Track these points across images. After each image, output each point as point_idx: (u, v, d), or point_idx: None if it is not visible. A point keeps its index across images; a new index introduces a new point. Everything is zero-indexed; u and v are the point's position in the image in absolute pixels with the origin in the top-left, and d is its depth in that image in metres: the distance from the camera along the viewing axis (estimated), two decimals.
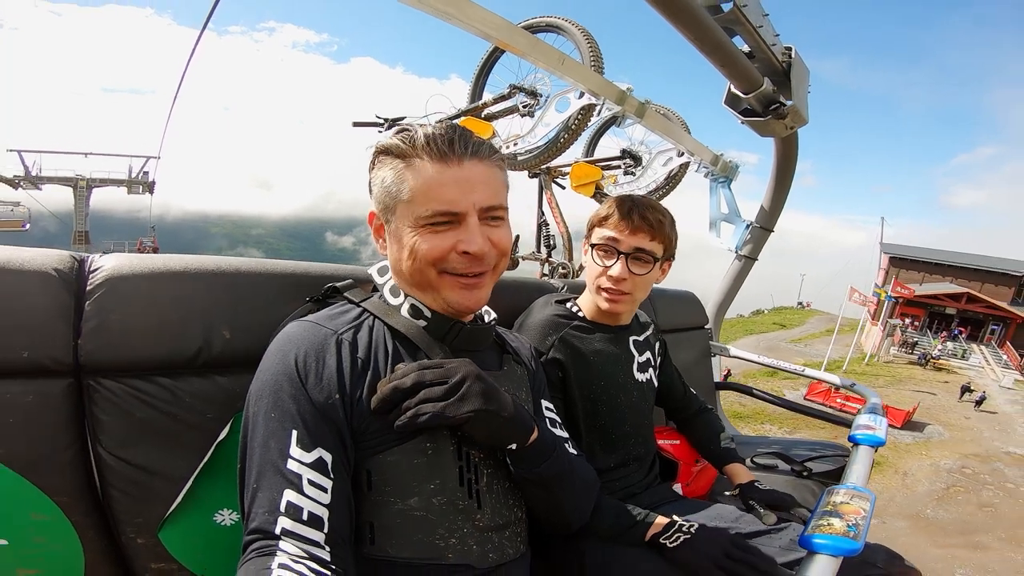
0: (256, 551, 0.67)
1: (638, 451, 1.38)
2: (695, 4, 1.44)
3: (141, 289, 0.91)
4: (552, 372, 1.26)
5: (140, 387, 0.89)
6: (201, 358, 0.95)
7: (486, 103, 2.66)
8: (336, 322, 0.84)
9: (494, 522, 0.85)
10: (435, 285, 0.86)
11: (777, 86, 1.95)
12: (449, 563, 0.79)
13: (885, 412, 1.64)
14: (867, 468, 1.17)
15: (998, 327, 30.14)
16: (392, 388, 0.77)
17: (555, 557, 1.08)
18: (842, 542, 0.81)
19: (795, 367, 2.60)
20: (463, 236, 0.82)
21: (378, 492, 0.78)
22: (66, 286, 0.86)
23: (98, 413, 0.86)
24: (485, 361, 0.96)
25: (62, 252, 0.91)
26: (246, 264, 1.06)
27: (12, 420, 0.79)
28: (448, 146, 0.81)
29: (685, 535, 1.02)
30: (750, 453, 1.98)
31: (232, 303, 1.00)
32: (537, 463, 0.88)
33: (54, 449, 0.84)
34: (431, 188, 0.81)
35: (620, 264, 1.26)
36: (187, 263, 0.99)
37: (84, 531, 0.86)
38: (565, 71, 1.73)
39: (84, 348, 0.85)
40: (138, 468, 0.88)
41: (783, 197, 2.76)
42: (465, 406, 0.78)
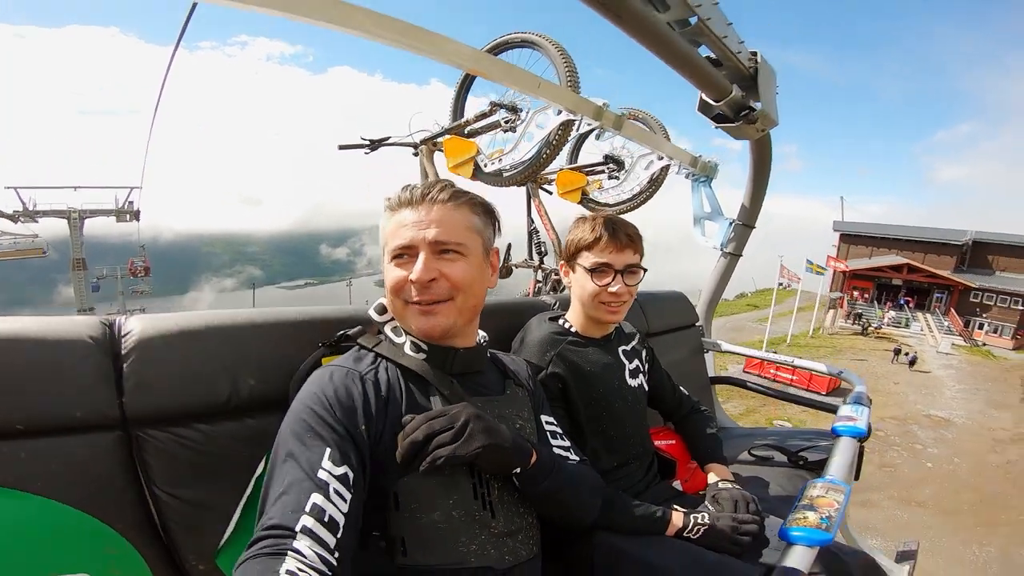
0: (267, 548, 0.70)
1: (637, 451, 1.48)
2: (660, 22, 1.51)
3: (170, 348, 1.03)
4: (553, 385, 1.37)
5: (181, 433, 1.01)
6: (231, 404, 1.07)
7: (468, 121, 2.73)
8: (359, 365, 0.97)
9: (507, 528, 0.96)
10: (403, 314, 1.02)
11: (746, 91, 2.02)
12: (472, 566, 0.90)
13: (870, 401, 1.71)
14: (847, 460, 1.24)
15: (942, 295, 31.09)
16: (409, 444, 0.87)
17: (567, 554, 1.17)
18: (815, 534, 0.89)
19: (785, 358, 2.68)
20: (413, 266, 0.97)
21: (405, 510, 0.88)
22: (102, 350, 0.98)
23: (148, 458, 0.98)
24: (489, 386, 1.09)
25: (90, 318, 1.03)
26: (259, 315, 1.18)
27: (77, 471, 0.92)
28: (411, 194, 0.99)
29: (702, 525, 1.18)
30: (748, 446, 2.06)
31: (252, 353, 1.12)
32: (540, 481, 0.99)
33: (116, 491, 0.95)
34: (396, 229, 1.00)
35: (619, 281, 1.40)
36: (206, 319, 1.10)
37: (153, 562, 0.98)
38: (541, 94, 1.80)
39: (128, 404, 0.97)
40: (190, 503, 1.00)
41: (762, 194, 2.85)
42: (473, 444, 0.89)
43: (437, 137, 3.06)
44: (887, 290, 32.75)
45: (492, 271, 1.10)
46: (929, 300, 31.59)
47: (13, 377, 0.88)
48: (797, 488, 1.76)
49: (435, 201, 1.00)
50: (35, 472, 0.88)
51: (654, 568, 1.08)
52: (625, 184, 3.28)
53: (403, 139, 3.18)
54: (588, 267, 1.42)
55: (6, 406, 0.87)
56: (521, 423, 1.08)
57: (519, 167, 2.46)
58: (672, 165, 3.00)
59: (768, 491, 1.72)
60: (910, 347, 24.26)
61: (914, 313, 31.07)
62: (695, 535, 1.17)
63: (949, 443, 11.43)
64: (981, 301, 29.42)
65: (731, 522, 1.19)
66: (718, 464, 1.53)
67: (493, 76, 1.65)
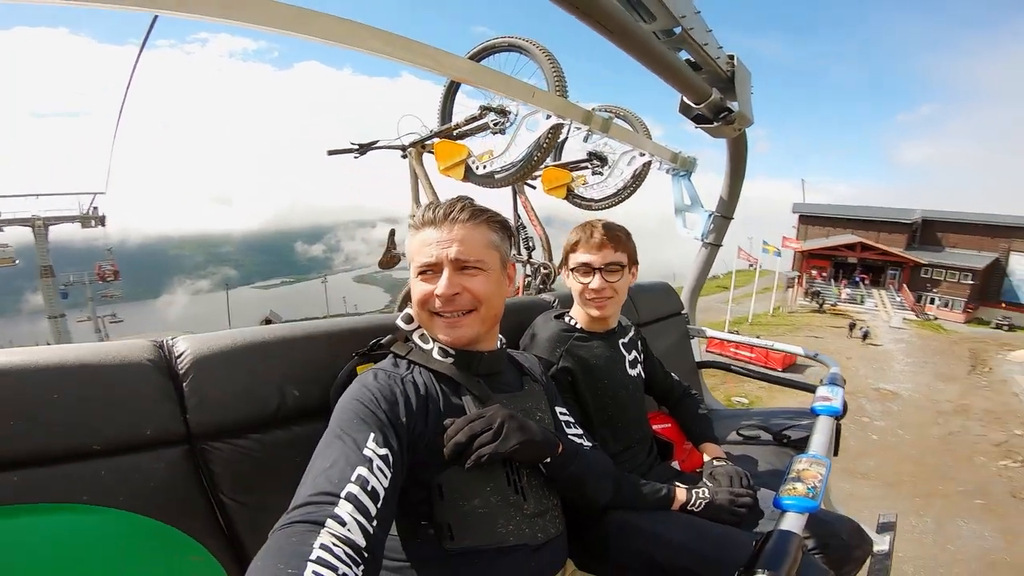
0: (305, 515, 0.73)
1: (639, 435, 1.61)
2: (646, 32, 1.61)
3: (222, 365, 1.12)
4: (563, 378, 1.49)
5: (239, 444, 1.10)
6: (280, 414, 1.16)
7: (458, 124, 2.79)
8: (398, 369, 1.07)
9: (537, 509, 1.07)
10: (430, 325, 1.12)
11: (723, 93, 2.14)
12: (511, 544, 1.01)
13: (844, 382, 1.85)
14: (827, 436, 1.37)
15: (895, 272, 32.39)
16: (454, 445, 0.97)
17: (583, 533, 1.28)
18: (804, 502, 1.02)
19: (764, 342, 2.84)
20: (437, 282, 1.07)
21: (449, 499, 0.98)
22: (160, 371, 1.06)
23: (213, 468, 1.06)
24: (508, 383, 1.20)
25: (141, 341, 1.10)
26: (296, 329, 1.28)
27: (153, 484, 0.99)
28: (433, 213, 1.10)
29: (703, 499, 1.31)
30: (735, 426, 2.21)
31: (293, 365, 1.21)
32: (565, 468, 1.11)
33: (189, 502, 1.04)
34: (420, 247, 1.10)
35: (597, 278, 1.51)
36: (247, 337, 1.19)
37: (229, 566, 1.06)
38: (536, 102, 1.89)
39: (192, 420, 1.06)
40: (253, 508, 1.09)
41: (738, 188, 3.00)
42: (511, 441, 1.00)
43: (426, 140, 3.12)
44: (843, 268, 33.99)
45: (509, 282, 1.20)
46: (883, 277, 32.90)
47: (85, 402, 0.96)
48: (783, 464, 1.92)
49: (456, 220, 1.09)
50: (117, 488, 0.95)
51: (663, 539, 1.20)
52: (609, 180, 3.38)
53: (392, 142, 3.23)
54: (571, 267, 1.57)
55: (83, 429, 0.95)
56: (540, 415, 1.19)
57: (510, 169, 2.54)
58: (654, 161, 3.13)
59: (757, 467, 1.87)
60: (864, 322, 25.33)
61: (869, 290, 32.37)
62: (697, 509, 1.31)
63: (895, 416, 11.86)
64: (931, 277, 30.74)
65: (729, 495, 1.33)
66: (711, 444, 1.66)
67: (491, 86, 1.74)
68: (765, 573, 0.82)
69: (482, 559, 0.98)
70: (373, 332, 1.28)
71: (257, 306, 59.54)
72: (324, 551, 0.68)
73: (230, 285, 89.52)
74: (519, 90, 1.81)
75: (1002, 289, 29.93)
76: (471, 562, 0.98)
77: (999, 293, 30.11)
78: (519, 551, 1.02)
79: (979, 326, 29.10)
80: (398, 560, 0.99)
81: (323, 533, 0.70)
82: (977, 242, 30.70)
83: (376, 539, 0.77)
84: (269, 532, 0.74)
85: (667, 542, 1.19)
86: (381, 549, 0.80)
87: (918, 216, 32.63)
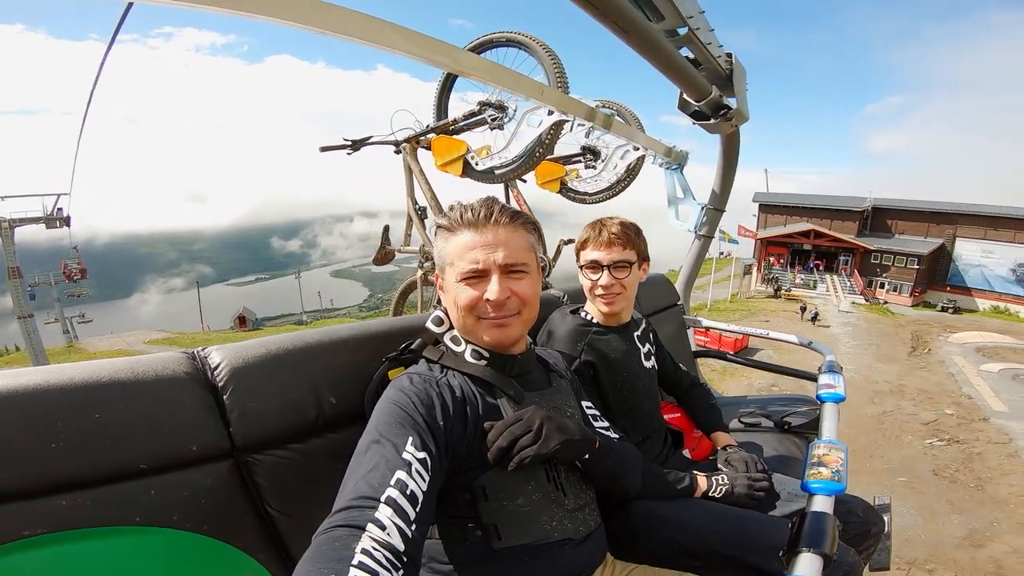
0: (347, 520, 0.73)
1: (655, 426, 1.66)
2: (656, 32, 1.63)
3: (260, 376, 1.10)
4: (585, 372, 1.52)
5: (281, 455, 1.09)
6: (319, 423, 1.16)
7: (456, 120, 2.79)
8: (433, 373, 1.07)
9: (577, 504, 1.09)
10: (474, 328, 1.11)
11: (722, 90, 2.18)
12: (557, 540, 1.03)
13: (841, 369, 1.92)
14: (835, 422, 1.44)
15: (848, 258, 33.49)
16: (497, 450, 0.99)
17: (609, 524, 1.29)
18: (831, 485, 1.07)
19: (760, 331, 2.91)
20: (486, 288, 1.06)
21: (493, 500, 0.99)
22: (200, 384, 1.04)
23: (259, 481, 1.05)
24: (536, 381, 1.21)
25: (173, 354, 1.07)
26: (326, 335, 1.26)
27: (204, 501, 0.97)
28: (477, 217, 1.08)
29: (723, 485, 1.36)
30: (736, 414, 2.28)
31: (327, 372, 1.20)
32: (602, 463, 1.14)
33: (239, 516, 1.03)
34: (464, 252, 1.07)
35: (606, 275, 1.55)
36: (279, 344, 1.17)
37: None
38: (545, 99, 1.91)
39: (236, 434, 1.04)
40: (301, 518, 1.08)
41: (730, 181, 3.07)
42: (552, 442, 1.01)
43: (421, 136, 3.11)
44: (799, 255, 35.07)
45: None
46: (836, 263, 33.95)
47: (127, 419, 0.93)
48: (788, 450, 1.99)
49: (499, 223, 1.08)
50: (169, 507, 0.93)
51: (689, 526, 1.25)
52: (603, 174, 3.42)
53: (385, 138, 3.20)
54: (581, 264, 1.61)
55: (129, 448, 0.92)
56: (571, 411, 1.21)
57: (511, 165, 2.56)
58: (647, 155, 3.17)
59: (763, 453, 1.93)
60: (814, 305, 26.40)
61: (822, 275, 33.41)
62: (718, 495, 1.36)
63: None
64: (881, 262, 31.75)
65: (747, 480, 1.38)
66: (722, 432, 1.71)
67: (501, 83, 1.75)
68: (810, 551, 0.86)
69: (530, 555, 1.00)
70: (402, 334, 1.27)
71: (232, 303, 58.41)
72: (365, 556, 0.68)
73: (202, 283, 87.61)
74: (528, 87, 1.82)
75: (948, 273, 31.18)
76: (520, 560, 1.00)
77: (946, 277, 31.26)
78: (564, 545, 1.04)
79: (926, 309, 30.25)
80: (448, 564, 1.00)
81: (364, 537, 0.71)
82: (924, 228, 31.81)
83: (415, 543, 0.77)
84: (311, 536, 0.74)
85: (693, 528, 1.24)
86: (419, 553, 0.80)
87: (869, 204, 33.65)
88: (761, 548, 1.13)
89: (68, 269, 30.06)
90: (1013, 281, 29.44)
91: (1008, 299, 29.61)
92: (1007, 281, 29.66)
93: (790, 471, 1.65)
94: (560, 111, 2.13)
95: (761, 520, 1.24)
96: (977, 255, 30.42)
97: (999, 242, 29.53)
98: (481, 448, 1.01)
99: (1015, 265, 29.21)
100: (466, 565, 1.00)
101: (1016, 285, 29.36)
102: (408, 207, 3.31)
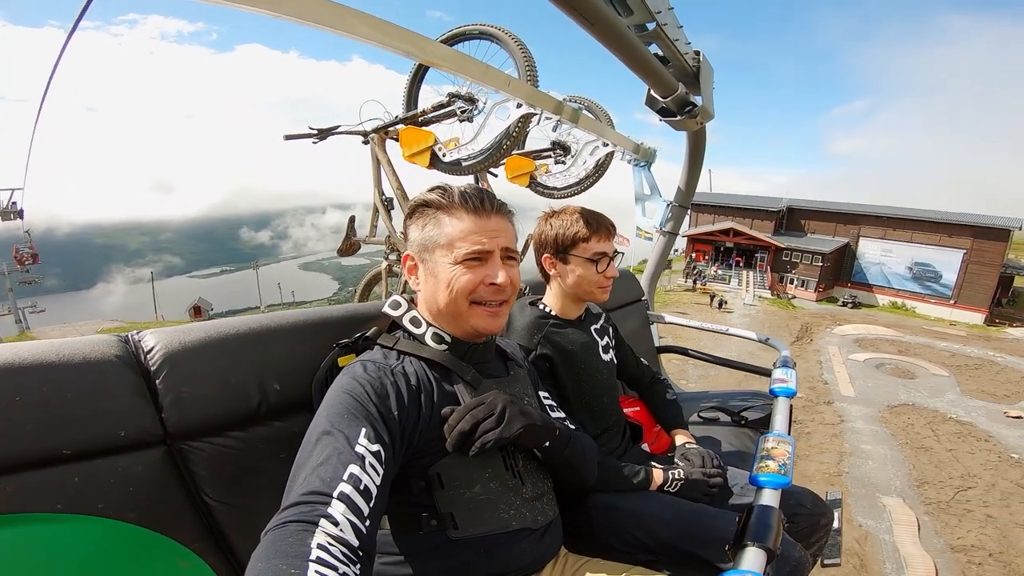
0: (298, 515, 0.71)
1: (613, 419, 1.67)
2: (623, 26, 1.63)
3: (196, 361, 1.05)
4: (542, 364, 1.51)
5: (220, 443, 1.05)
6: (262, 410, 1.11)
7: (424, 111, 2.75)
8: (388, 361, 1.03)
9: (535, 493, 1.09)
10: (465, 314, 1.08)
11: (688, 87, 2.20)
12: (514, 529, 1.02)
13: (794, 364, 1.97)
14: (786, 416, 1.48)
15: (763, 255, 35.79)
16: (458, 434, 0.97)
17: (567, 515, 1.30)
18: (777, 478, 1.10)
19: (720, 327, 2.96)
20: (490, 271, 1.06)
21: (449, 488, 0.98)
22: (131, 368, 0.99)
23: (195, 469, 1.01)
24: (495, 369, 1.20)
25: (105, 336, 1.02)
26: (275, 319, 1.22)
27: (132, 488, 0.93)
28: (480, 203, 1.06)
29: (679, 480, 1.37)
30: (696, 408, 2.32)
31: (275, 358, 1.15)
32: (562, 451, 1.14)
33: (173, 505, 0.98)
34: (468, 234, 1.05)
35: (612, 265, 1.58)
36: (222, 329, 1.12)
37: (220, 569, 1.02)
38: (511, 91, 1.89)
39: (168, 420, 1.00)
40: (241, 509, 1.04)
41: (695, 179, 3.12)
42: (514, 426, 1.01)
43: (390, 126, 3.05)
44: (722, 252, 37.40)
45: None
46: (755, 260, 36.22)
47: (49, 403, 0.88)
48: (744, 444, 2.04)
49: (499, 211, 1.09)
50: (94, 494, 0.90)
51: (643, 518, 1.26)
52: (572, 169, 3.43)
53: (353, 128, 3.13)
54: (588, 257, 1.56)
55: (50, 433, 0.88)
56: (528, 399, 1.20)
57: (478, 157, 2.53)
58: (616, 151, 3.19)
59: (720, 448, 1.97)
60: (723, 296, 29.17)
61: (739, 271, 35.67)
62: (674, 489, 1.37)
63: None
64: (791, 259, 34.16)
65: (702, 476, 1.40)
66: (682, 429, 1.74)
67: (468, 74, 1.72)
68: (755, 545, 0.88)
69: (487, 545, 1.00)
70: (355, 320, 1.24)
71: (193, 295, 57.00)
72: (321, 551, 0.67)
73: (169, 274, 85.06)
74: (495, 79, 1.80)
75: (852, 270, 33.89)
76: (476, 549, 0.99)
77: (850, 274, 33.86)
78: (522, 535, 1.04)
79: (829, 304, 32.68)
80: (400, 555, 0.98)
81: (318, 533, 0.69)
82: (832, 228, 34.41)
83: (369, 538, 0.76)
84: (261, 533, 0.72)
85: (648, 520, 1.25)
86: (373, 547, 0.79)
87: (784, 205, 36.04)
88: (712, 542, 1.15)
89: (20, 254, 28.89)
90: (909, 278, 31.92)
91: (905, 295, 32.18)
92: (904, 278, 32.17)
93: (744, 464, 1.68)
94: (528, 104, 2.11)
95: (713, 514, 1.26)
96: (878, 254, 33.01)
97: (897, 241, 32.11)
98: (437, 435, 0.99)
99: (911, 263, 31.70)
100: (420, 556, 0.98)
101: (912, 282, 31.86)
102: (375, 198, 3.26)
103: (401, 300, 1.16)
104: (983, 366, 16.72)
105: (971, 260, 29.54)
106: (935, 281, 31.02)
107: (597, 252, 1.56)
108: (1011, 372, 16.02)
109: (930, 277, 31.20)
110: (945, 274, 30.52)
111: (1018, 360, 18.01)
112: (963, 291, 29.87)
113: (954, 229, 29.92)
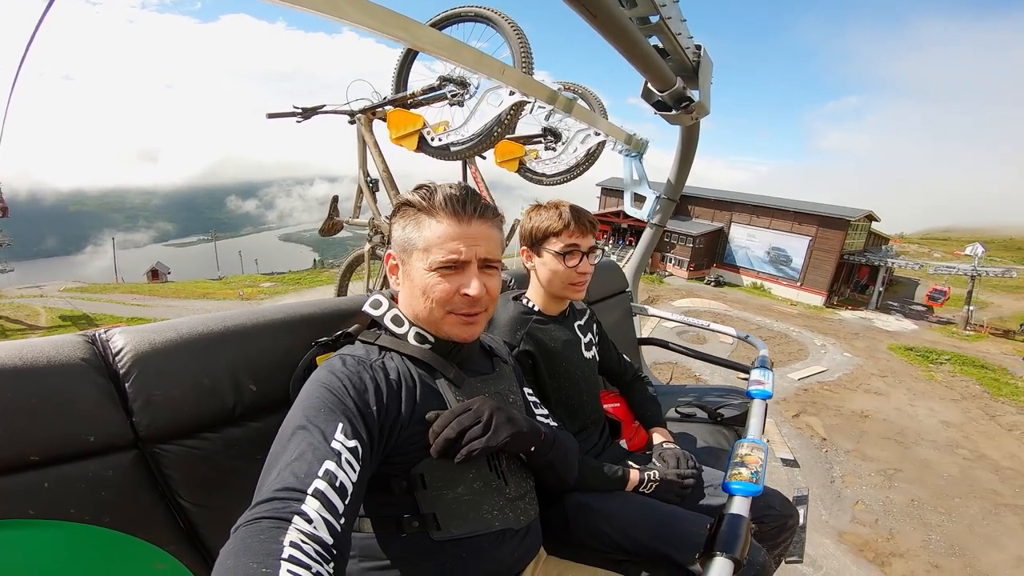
0: (270, 511, 0.69)
1: (593, 416, 1.67)
2: (625, 18, 1.59)
3: (167, 361, 1.02)
4: (524, 361, 1.50)
5: (193, 445, 1.02)
6: (237, 411, 1.09)
7: (414, 94, 2.68)
8: (368, 356, 1.01)
9: (518, 493, 1.09)
10: (439, 322, 1.06)
11: (686, 82, 2.17)
12: (497, 529, 1.02)
13: (772, 365, 1.99)
14: (761, 419, 1.50)
15: None
16: (443, 441, 0.95)
17: (544, 515, 1.31)
18: (749, 486, 1.12)
19: (702, 322, 2.99)
20: (464, 281, 1.02)
21: (432, 488, 0.97)
22: (98, 370, 0.96)
23: (168, 472, 0.99)
24: (478, 366, 1.18)
25: (70, 337, 0.98)
26: (251, 316, 1.18)
27: (104, 493, 0.91)
28: (461, 207, 1.02)
29: (654, 481, 1.38)
30: (673, 404, 2.35)
31: (251, 357, 1.13)
32: (546, 453, 1.14)
33: (147, 508, 0.96)
34: (445, 241, 1.01)
35: (585, 261, 1.54)
36: (194, 327, 1.09)
37: (196, 570, 1.00)
38: (505, 79, 1.85)
39: (139, 424, 0.97)
40: (217, 510, 1.02)
41: (686, 173, 3.11)
42: (501, 434, 1.00)
43: (377, 107, 2.98)
44: (619, 233, 40.30)
45: None
46: None
47: (12, 408, 0.85)
48: (719, 442, 2.07)
49: (482, 217, 1.05)
50: (65, 499, 0.87)
51: (618, 518, 1.28)
52: (562, 156, 3.40)
53: (339, 107, 3.04)
54: (559, 251, 1.53)
55: (15, 438, 0.85)
56: (513, 397, 1.20)
57: (468, 143, 2.48)
58: (607, 141, 3.17)
59: (696, 445, 2.00)
60: None
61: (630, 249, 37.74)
62: (648, 490, 1.39)
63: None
64: (671, 240, 37.06)
65: (676, 477, 1.42)
66: (661, 428, 1.76)
67: (461, 61, 1.67)
68: (723, 555, 0.89)
69: (470, 546, 0.99)
70: (334, 317, 1.21)
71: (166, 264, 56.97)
72: (294, 548, 0.65)
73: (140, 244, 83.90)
74: (489, 66, 1.76)
75: (724, 253, 37.21)
76: (459, 551, 0.98)
77: (722, 256, 37.27)
78: (505, 535, 1.04)
79: (697, 282, 36.23)
80: (383, 559, 0.97)
81: (291, 530, 0.67)
82: (711, 213, 37.78)
83: (343, 536, 0.74)
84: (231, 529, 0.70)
85: (623, 521, 1.27)
86: (348, 546, 0.77)
87: None
88: (683, 545, 1.17)
89: None
90: (767, 261, 34.84)
91: (764, 277, 35.20)
92: (763, 261, 35.12)
93: (719, 463, 1.71)
94: (521, 92, 2.07)
95: (686, 517, 1.28)
96: (744, 238, 36.07)
97: (759, 227, 35.11)
98: (418, 433, 0.97)
99: (769, 248, 34.57)
100: (402, 558, 0.97)
101: (769, 265, 34.77)
102: (360, 179, 3.19)
103: (382, 299, 1.14)
104: (775, 337, 19.65)
105: (815, 247, 32.30)
106: (787, 264, 33.94)
107: (568, 245, 1.53)
108: (794, 344, 19.26)
109: (783, 261, 34.11)
110: (795, 258, 33.41)
111: (812, 335, 21.26)
112: (807, 274, 32.86)
113: (804, 218, 32.82)
